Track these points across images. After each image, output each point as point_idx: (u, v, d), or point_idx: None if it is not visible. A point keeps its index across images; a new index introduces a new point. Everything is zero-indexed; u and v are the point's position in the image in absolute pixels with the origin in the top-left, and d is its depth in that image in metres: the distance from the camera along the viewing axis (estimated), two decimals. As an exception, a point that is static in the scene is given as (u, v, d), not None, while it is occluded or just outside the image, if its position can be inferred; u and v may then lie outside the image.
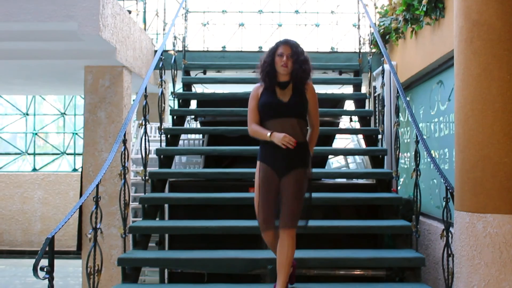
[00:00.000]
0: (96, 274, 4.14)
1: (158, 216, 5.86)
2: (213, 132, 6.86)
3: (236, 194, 5.73)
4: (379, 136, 6.57)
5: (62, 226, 3.90)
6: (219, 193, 5.77)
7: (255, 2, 9.47)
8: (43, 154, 13.23)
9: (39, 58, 7.04)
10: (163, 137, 6.52)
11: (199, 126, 7.89)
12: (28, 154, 13.10)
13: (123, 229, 4.90)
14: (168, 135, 6.63)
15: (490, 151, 3.51)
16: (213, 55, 8.47)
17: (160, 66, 6.50)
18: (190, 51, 8.29)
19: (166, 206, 6.17)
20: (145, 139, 5.61)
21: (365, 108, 7.36)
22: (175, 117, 7.04)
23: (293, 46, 4.14)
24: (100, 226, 4.24)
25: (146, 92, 5.73)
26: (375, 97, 7.77)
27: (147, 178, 5.70)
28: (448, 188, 4.16)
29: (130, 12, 7.42)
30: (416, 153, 4.92)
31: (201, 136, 8.29)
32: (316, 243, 5.04)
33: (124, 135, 4.93)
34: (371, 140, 6.75)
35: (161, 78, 6.46)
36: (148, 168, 5.70)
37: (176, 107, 7.61)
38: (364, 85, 8.09)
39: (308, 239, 4.68)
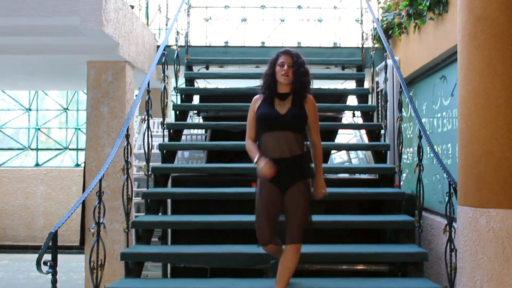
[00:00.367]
0: (99, 269, 4.15)
1: (161, 211, 5.87)
2: (215, 127, 6.86)
3: (238, 189, 5.72)
4: (382, 131, 6.57)
5: (65, 221, 3.91)
6: (221, 188, 5.78)
7: (258, -3, 9.47)
8: (46, 149, 13.24)
9: (41, 53, 7.04)
10: (166, 132, 6.52)
11: (201, 121, 7.90)
12: (30, 149, 13.11)
13: (126, 224, 4.91)
14: (171, 130, 6.64)
15: (493, 146, 3.51)
16: (215, 50, 8.46)
17: (163, 61, 6.49)
18: (193, 46, 8.29)
19: (169, 201, 6.18)
20: (148, 134, 5.62)
21: (367, 103, 7.36)
22: (177, 112, 7.05)
23: (294, 56, 4.03)
24: (103, 221, 4.25)
25: (149, 87, 5.73)
26: (377, 92, 7.76)
27: (150, 173, 5.71)
28: (451, 183, 4.16)
29: (132, 7, 7.42)
30: (419, 148, 4.92)
31: (203, 131, 8.30)
32: (319, 238, 5.04)
33: (127, 130, 4.93)
34: (374, 135, 6.74)
35: (163, 73, 6.46)
36: (150, 163, 5.71)
37: (178, 102, 7.61)
38: (367, 80, 8.08)
39: (310, 234, 4.68)
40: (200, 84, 8.56)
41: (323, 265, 5.04)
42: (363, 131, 8.03)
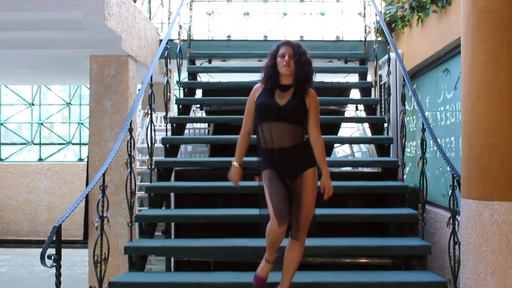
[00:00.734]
0: (103, 263, 4.17)
1: (164, 205, 5.87)
2: (218, 121, 6.86)
3: (242, 182, 5.70)
4: (385, 125, 6.56)
5: (69, 215, 3.92)
6: (224, 181, 5.76)
7: (260, -10, 9.43)
8: (49, 144, 13.25)
9: (44, 47, 7.03)
10: (169, 126, 6.52)
11: (204, 115, 7.90)
12: (34, 144, 13.13)
13: (129, 218, 4.92)
14: (174, 124, 6.63)
15: (497, 138, 3.50)
16: (218, 44, 8.45)
17: (166, 55, 6.49)
18: (196, 40, 8.27)
19: (172, 195, 6.19)
20: (151, 128, 5.62)
21: (370, 96, 7.34)
22: (180, 106, 7.05)
23: (294, 46, 3.94)
24: (107, 215, 4.26)
25: (152, 81, 5.73)
26: (381, 85, 7.75)
27: (153, 167, 5.71)
28: (454, 176, 4.16)
29: (135, 1, 7.39)
30: (422, 141, 4.91)
31: (206, 125, 8.30)
32: (322, 231, 5.02)
33: (130, 124, 4.93)
34: (377, 128, 6.73)
35: (166, 67, 6.46)
36: (154, 157, 5.71)
37: (181, 96, 7.61)
38: (370, 73, 8.06)
39: (314, 228, 4.67)
40: (202, 78, 8.56)
41: (327, 258, 5.06)
42: (366, 125, 8.01)
